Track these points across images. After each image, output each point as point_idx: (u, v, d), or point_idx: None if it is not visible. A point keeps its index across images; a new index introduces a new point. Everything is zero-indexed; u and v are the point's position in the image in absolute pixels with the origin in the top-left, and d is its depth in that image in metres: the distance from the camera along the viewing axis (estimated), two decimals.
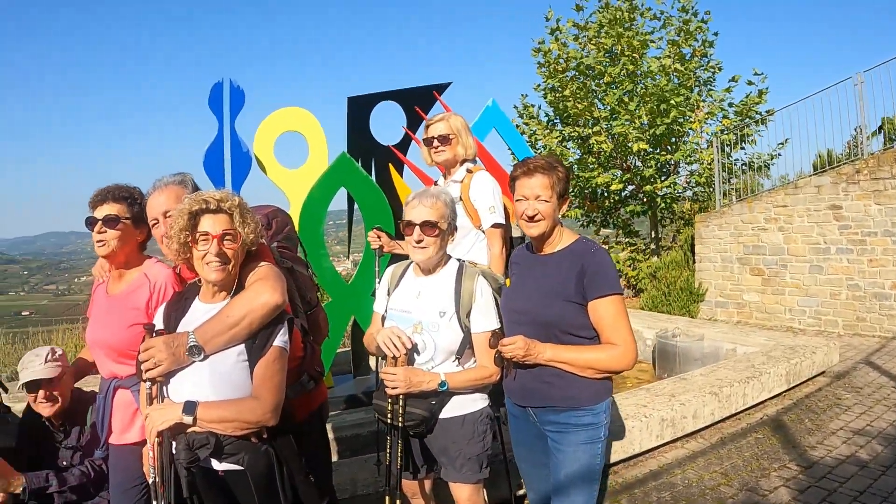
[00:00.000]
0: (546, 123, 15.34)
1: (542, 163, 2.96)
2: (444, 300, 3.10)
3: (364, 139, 6.56)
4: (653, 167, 13.81)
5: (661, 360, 8.37)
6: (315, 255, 5.71)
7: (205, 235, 2.56)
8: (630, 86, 13.63)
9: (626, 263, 15.07)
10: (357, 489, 4.10)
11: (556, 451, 3.00)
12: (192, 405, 2.43)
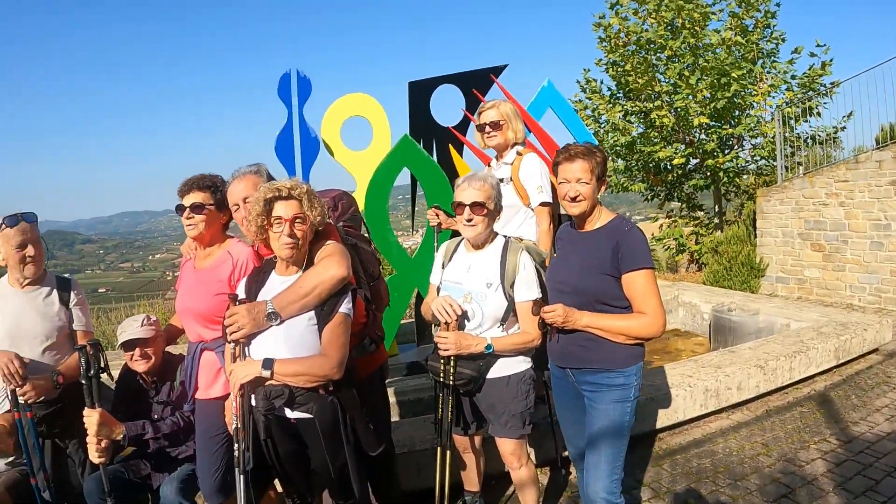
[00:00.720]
0: (609, 98, 15.35)
1: (581, 149, 3.30)
2: (491, 273, 3.50)
3: (425, 121, 6.86)
4: (714, 141, 13.74)
5: (716, 334, 8.51)
6: (380, 230, 6.10)
7: (278, 219, 3.03)
8: (691, 59, 13.54)
9: (689, 238, 15.11)
10: (415, 445, 4.54)
11: (590, 408, 3.36)
12: (270, 362, 2.92)
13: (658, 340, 9.20)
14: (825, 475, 4.65)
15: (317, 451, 3.11)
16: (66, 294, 4.00)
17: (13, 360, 3.61)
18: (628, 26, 14.24)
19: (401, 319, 6.60)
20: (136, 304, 14.46)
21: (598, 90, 15.41)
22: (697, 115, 13.13)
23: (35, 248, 3.85)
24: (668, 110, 13.78)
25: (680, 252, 15.18)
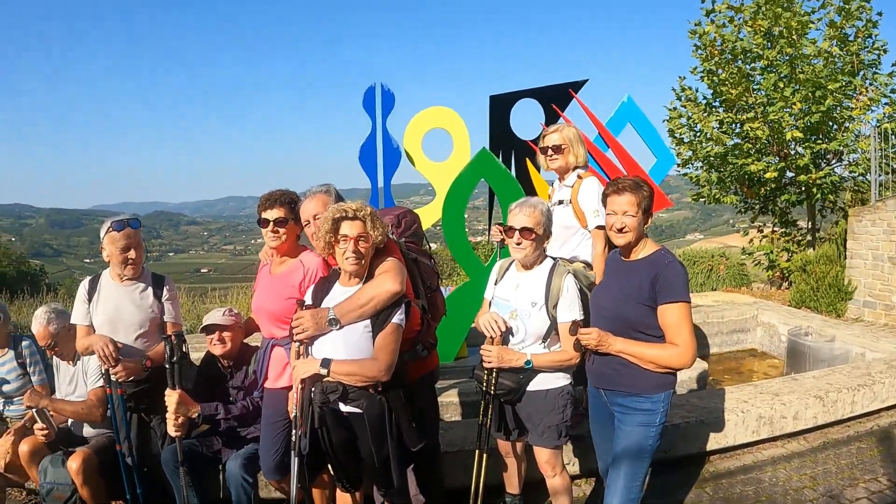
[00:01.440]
0: (704, 106, 15.22)
1: (629, 183, 3.59)
2: (536, 292, 3.88)
3: (504, 134, 7.20)
4: (807, 156, 13.48)
5: (790, 358, 8.52)
6: (457, 239, 6.49)
7: (344, 237, 3.49)
8: (787, 70, 13.30)
9: (780, 254, 14.94)
10: (465, 445, 4.92)
11: (617, 429, 3.69)
12: (327, 361, 3.42)
13: (732, 359, 9.35)
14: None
15: (364, 442, 3.57)
16: (160, 290, 4.62)
17: (108, 344, 4.25)
18: (724, 35, 14.09)
19: (471, 324, 6.96)
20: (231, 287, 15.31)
21: (693, 98, 15.32)
22: (791, 129, 12.94)
23: (136, 252, 4.48)
24: (761, 122, 13.57)
25: (770, 268, 15.02)
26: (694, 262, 15.55)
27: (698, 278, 15.16)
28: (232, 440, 4.62)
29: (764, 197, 15.30)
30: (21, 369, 5.31)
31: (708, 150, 14.60)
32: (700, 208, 24.47)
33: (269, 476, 4.28)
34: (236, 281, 16.13)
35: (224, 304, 13.82)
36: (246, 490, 4.32)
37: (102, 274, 4.65)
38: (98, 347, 4.25)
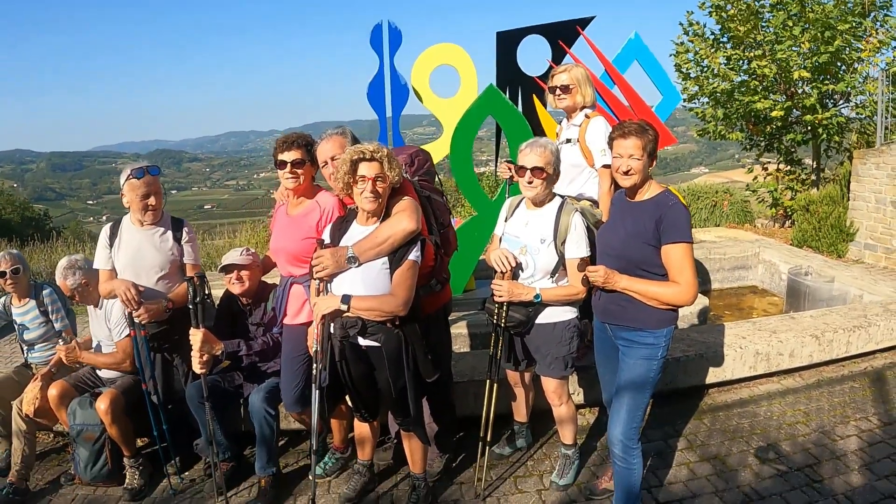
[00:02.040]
0: (712, 42, 15.16)
1: (635, 127, 3.73)
2: (545, 230, 4.09)
3: (511, 71, 7.29)
4: (814, 97, 13.46)
5: (790, 297, 8.68)
6: (464, 174, 6.66)
7: (362, 178, 3.67)
8: (796, 8, 13.20)
9: (783, 192, 15.03)
10: (475, 375, 5.22)
11: (621, 361, 3.92)
12: (347, 297, 3.64)
13: (733, 295, 9.59)
14: (855, 452, 4.88)
15: (382, 373, 3.83)
16: (179, 233, 4.80)
17: (130, 288, 4.48)
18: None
19: (479, 257, 7.19)
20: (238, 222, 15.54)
21: (701, 34, 15.21)
22: (798, 69, 12.92)
23: (156, 199, 4.64)
24: (769, 60, 13.52)
25: (773, 206, 15.09)
26: (698, 197, 15.62)
27: (702, 213, 15.25)
28: (253, 375, 4.87)
29: (769, 135, 15.30)
30: (43, 317, 5.55)
31: (714, 86, 14.54)
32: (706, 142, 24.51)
33: (291, 409, 4.55)
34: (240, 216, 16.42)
35: (233, 240, 14.08)
36: (268, 422, 4.56)
37: (123, 219, 4.83)
38: (121, 291, 4.47)
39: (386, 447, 5.05)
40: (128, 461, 4.94)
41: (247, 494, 4.72)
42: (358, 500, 4.47)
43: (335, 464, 4.86)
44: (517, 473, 4.74)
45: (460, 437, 5.00)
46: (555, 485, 4.50)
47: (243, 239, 13.30)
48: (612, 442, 3.93)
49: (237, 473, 4.93)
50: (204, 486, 4.89)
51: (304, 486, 4.74)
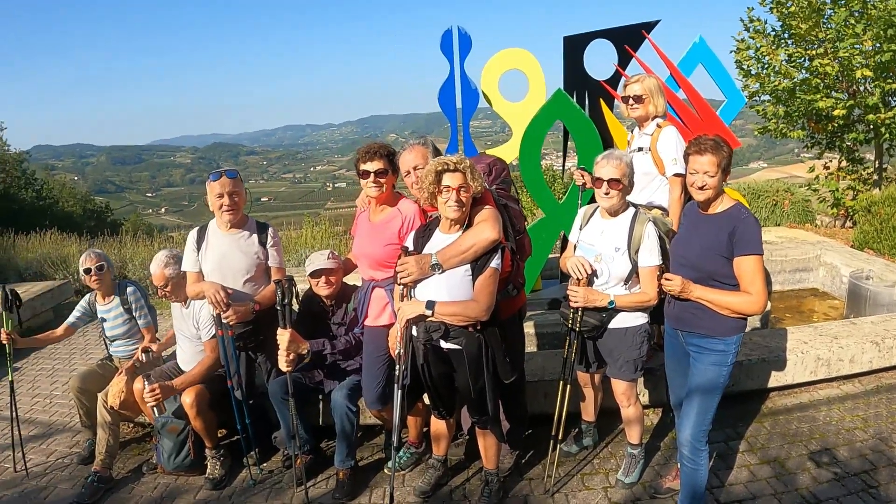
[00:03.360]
0: (773, 38, 15.13)
1: (710, 143, 3.91)
2: (619, 239, 4.31)
3: (578, 75, 7.43)
4: (877, 95, 13.36)
5: (850, 301, 8.62)
6: (533, 177, 6.86)
7: (447, 188, 3.90)
8: (859, 5, 13.14)
9: (845, 192, 14.98)
10: (545, 375, 5.48)
11: (692, 366, 4.13)
12: (432, 303, 3.90)
13: (794, 298, 9.63)
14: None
15: (461, 375, 4.09)
16: (264, 236, 5.06)
17: (219, 291, 4.76)
18: None
19: (546, 258, 7.40)
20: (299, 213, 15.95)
21: (762, 30, 15.19)
22: (861, 67, 12.87)
23: (230, 200, 4.88)
24: (831, 58, 13.50)
25: (835, 206, 15.02)
26: (758, 195, 15.43)
27: (762, 213, 15.10)
28: (333, 372, 5.19)
29: (831, 133, 15.25)
30: (127, 314, 5.92)
31: (776, 83, 14.55)
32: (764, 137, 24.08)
33: (372, 406, 4.86)
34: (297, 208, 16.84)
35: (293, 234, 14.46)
36: (349, 417, 4.84)
37: (209, 223, 5.11)
38: (210, 294, 4.75)
39: (458, 443, 5.31)
40: (209, 452, 5.30)
41: (324, 486, 5.03)
42: (432, 493, 4.76)
43: (410, 458, 5.15)
44: (584, 471, 4.97)
45: (529, 434, 5.25)
46: (620, 483, 4.72)
47: (308, 234, 13.67)
48: (681, 443, 4.16)
49: (315, 466, 5.23)
50: (282, 477, 5.23)
51: (378, 479, 5.05)
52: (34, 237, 16.63)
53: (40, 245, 15.83)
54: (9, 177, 30.87)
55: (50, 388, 7.78)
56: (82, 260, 5.84)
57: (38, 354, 8.89)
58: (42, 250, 14.84)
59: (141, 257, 13.39)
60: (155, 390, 5.01)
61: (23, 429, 5.93)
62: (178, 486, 5.28)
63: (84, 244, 15.78)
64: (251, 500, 5.00)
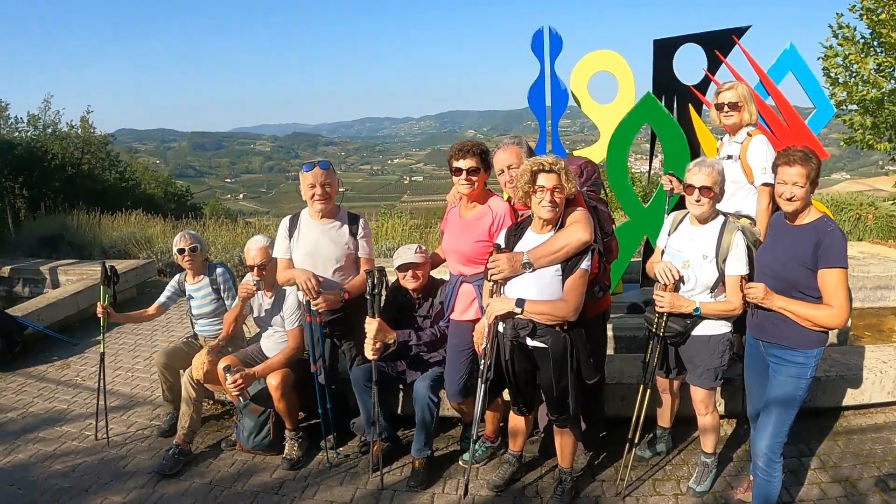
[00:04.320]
0: (862, 46, 14.81)
1: (799, 155, 3.95)
2: (708, 246, 4.38)
3: (667, 79, 7.46)
4: None
5: None
6: (619, 179, 6.94)
7: (541, 188, 4.03)
8: None
9: None
10: (623, 378, 5.55)
11: (772, 377, 4.18)
12: (521, 301, 4.04)
13: (874, 316, 9.50)
14: None
15: (545, 373, 4.22)
16: (355, 227, 5.24)
17: (311, 279, 4.95)
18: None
19: (628, 262, 7.49)
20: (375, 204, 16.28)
21: (851, 37, 14.88)
22: None
23: (322, 190, 5.05)
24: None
25: None
26: (841, 208, 15.15)
27: (845, 226, 14.74)
28: (416, 363, 5.34)
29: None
30: (214, 294, 6.21)
31: (863, 93, 14.31)
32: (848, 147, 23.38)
33: (453, 398, 5.03)
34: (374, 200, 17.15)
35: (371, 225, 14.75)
36: (430, 408, 4.99)
37: (302, 212, 5.31)
38: (301, 281, 4.95)
39: (533, 440, 5.42)
40: (288, 433, 5.52)
41: (399, 474, 5.22)
42: (505, 487, 4.89)
43: (485, 452, 5.29)
44: (656, 476, 5.04)
45: (603, 436, 5.35)
46: (692, 491, 4.78)
47: (390, 226, 13.91)
48: (756, 454, 4.22)
49: (391, 453, 5.41)
50: (358, 462, 5.43)
51: (452, 471, 5.22)
52: (119, 217, 17.22)
53: (125, 225, 16.41)
54: (94, 158, 31.82)
55: (132, 362, 8.19)
56: (176, 240, 6.13)
57: (120, 329, 9.34)
58: (127, 230, 15.44)
59: (223, 241, 13.77)
60: (237, 380, 5.26)
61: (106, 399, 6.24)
62: (255, 465, 5.53)
63: (168, 226, 16.30)
64: (326, 483, 5.20)
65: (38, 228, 16.76)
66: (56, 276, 11.71)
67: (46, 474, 5.68)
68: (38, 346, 9.02)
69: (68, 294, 10.02)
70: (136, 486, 5.36)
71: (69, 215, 17.50)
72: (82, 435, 6.31)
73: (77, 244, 14.88)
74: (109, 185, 32.07)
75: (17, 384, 7.81)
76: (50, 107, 31.11)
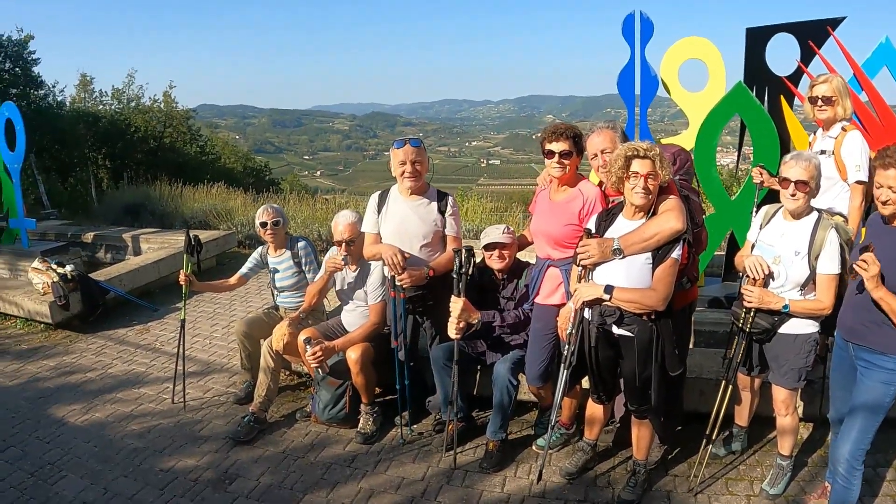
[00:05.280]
0: None
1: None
2: (800, 242, 4.29)
3: (759, 69, 7.28)
4: None
5: None
6: (706, 170, 6.83)
7: (635, 174, 4.01)
8: None
9: None
10: (702, 373, 5.48)
11: (859, 381, 4.09)
12: (610, 287, 4.04)
13: None
14: None
15: (629, 362, 4.23)
16: (444, 204, 5.28)
17: (397, 254, 5.01)
18: None
19: (712, 255, 7.36)
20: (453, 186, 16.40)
21: None
22: None
23: (412, 167, 5.10)
24: None
25: None
26: None
27: None
28: (497, 345, 5.37)
29: None
30: (296, 267, 6.34)
31: None
32: None
33: (533, 382, 5.06)
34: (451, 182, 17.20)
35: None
36: (509, 391, 5.03)
37: (391, 188, 5.37)
38: (387, 256, 5.01)
39: (608, 430, 5.40)
40: (364, 408, 5.63)
41: (472, 454, 5.28)
42: (577, 475, 4.91)
43: (559, 438, 5.32)
44: (729, 475, 4.98)
45: (678, 430, 5.31)
46: (765, 493, 4.70)
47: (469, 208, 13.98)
48: (836, 460, 4.15)
49: (465, 433, 5.47)
50: (431, 440, 5.52)
51: (525, 455, 5.26)
52: (201, 189, 17.72)
53: (206, 197, 16.81)
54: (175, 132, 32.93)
55: (210, 329, 8.44)
56: (259, 213, 6.27)
57: (199, 298, 9.59)
58: (208, 202, 15.79)
59: (303, 216, 13.99)
60: (317, 352, 5.33)
61: None
62: (328, 436, 5.66)
63: (249, 199, 16.67)
64: (399, 459, 5.30)
65: (120, 198, 17.23)
66: (138, 244, 12.08)
67: (122, 433, 5.91)
68: (119, 310, 9.33)
69: (150, 261, 10.37)
70: (209, 451, 5.55)
71: (152, 186, 18.04)
72: (159, 398, 6.52)
73: (159, 214, 15.28)
74: (190, 158, 33.26)
75: (97, 346, 8.11)
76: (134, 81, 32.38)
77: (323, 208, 14.98)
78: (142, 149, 30.22)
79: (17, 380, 7.23)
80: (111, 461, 5.49)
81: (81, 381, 7.07)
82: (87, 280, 8.91)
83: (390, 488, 4.96)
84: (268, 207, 6.29)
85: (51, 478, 5.31)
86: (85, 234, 12.69)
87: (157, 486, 5.13)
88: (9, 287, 9.55)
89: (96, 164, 28.46)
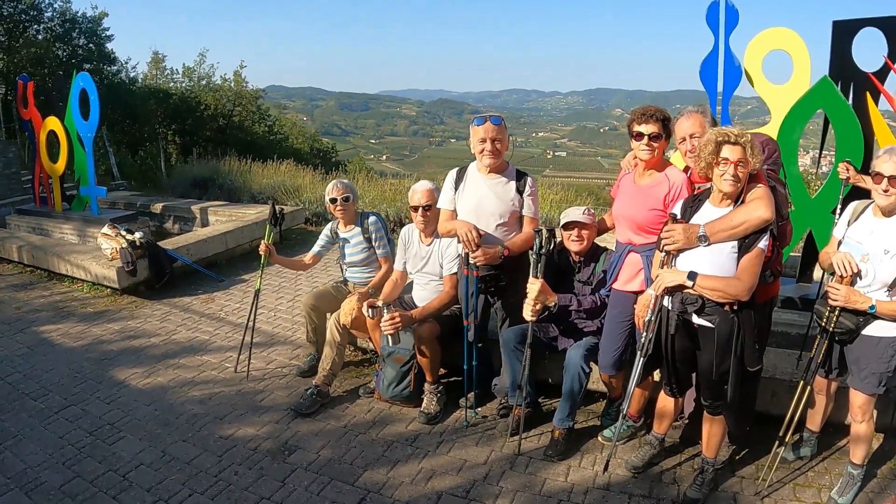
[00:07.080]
0: None
1: None
2: (891, 241, 4.16)
3: (845, 64, 7.08)
4: None
5: None
6: (787, 165, 6.69)
7: (725, 160, 3.94)
8: None
9: None
10: (776, 374, 5.37)
11: None
12: (694, 275, 3.97)
13: None
14: None
15: (706, 354, 4.16)
16: (522, 184, 5.24)
17: (472, 231, 5.00)
18: None
19: (789, 254, 7.22)
20: None
21: None
22: None
23: (492, 145, 5.06)
24: None
25: None
26: None
27: None
28: (570, 330, 5.29)
29: None
30: (366, 242, 6.36)
31: None
32: None
33: (605, 370, 5.02)
34: None
35: None
36: (580, 378, 4.97)
37: (470, 165, 5.37)
38: (462, 232, 4.99)
39: (676, 425, 5.32)
40: (428, 387, 5.64)
41: (536, 441, 5.26)
42: (643, 470, 4.84)
43: (626, 430, 5.25)
44: (797, 481, 4.87)
45: (748, 431, 5.17)
46: (833, 501, 4.58)
47: None
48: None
49: (531, 420, 5.43)
50: (496, 424, 5.50)
51: (590, 445, 5.21)
52: (270, 166, 18.10)
53: (275, 174, 17.15)
54: (245, 111, 33.82)
55: (275, 302, 8.58)
56: (329, 189, 6.33)
57: (266, 270, 9.56)
58: (277, 178, 16.12)
59: (371, 196, 14.07)
60: (395, 318, 5.29)
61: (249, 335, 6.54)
62: (391, 414, 5.69)
63: (317, 177, 16.94)
64: (462, 441, 5.29)
65: (189, 172, 17.72)
66: (206, 216, 12.40)
67: (183, 399, 6.03)
68: (185, 279, 9.57)
69: (218, 233, 10.60)
70: (270, 421, 5.61)
71: (221, 161, 18.51)
72: (222, 366, 6.63)
73: (227, 188, 15.66)
74: (258, 137, 34.38)
75: (162, 313, 8.31)
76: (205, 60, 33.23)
77: (391, 188, 15.05)
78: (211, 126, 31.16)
79: (81, 341, 7.42)
80: (171, 425, 5.60)
81: (145, 345, 7.23)
82: (155, 248, 9.16)
83: (451, 470, 4.96)
84: (337, 183, 6.33)
85: (109, 437, 5.44)
86: (154, 204, 13.08)
87: (216, 452, 5.21)
88: (77, 251, 9.81)
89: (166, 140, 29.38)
